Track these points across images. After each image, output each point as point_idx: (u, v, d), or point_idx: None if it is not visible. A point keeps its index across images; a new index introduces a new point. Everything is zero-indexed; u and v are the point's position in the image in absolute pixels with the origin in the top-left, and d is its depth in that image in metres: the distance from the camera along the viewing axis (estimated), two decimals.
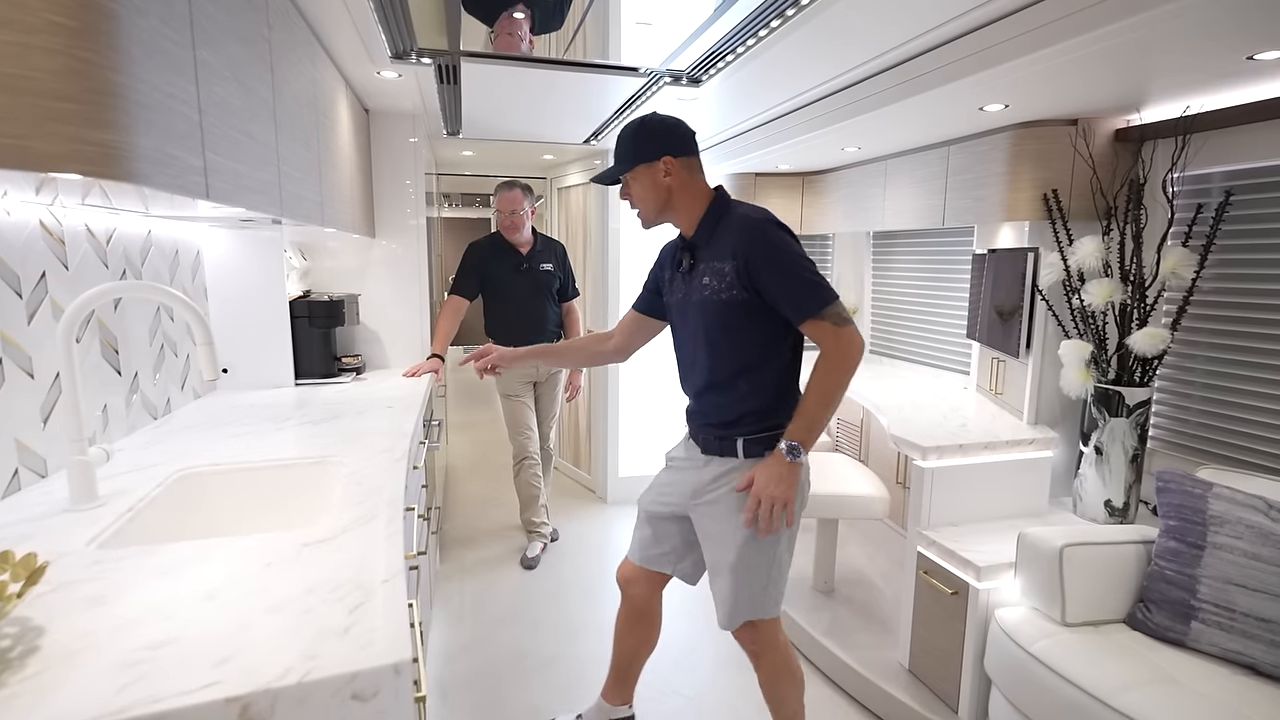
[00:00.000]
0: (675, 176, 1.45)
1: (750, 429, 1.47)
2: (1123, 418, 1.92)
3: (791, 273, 1.38)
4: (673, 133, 1.47)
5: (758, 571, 1.48)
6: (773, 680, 1.61)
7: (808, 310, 1.37)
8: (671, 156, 1.44)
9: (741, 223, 1.43)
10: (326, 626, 0.80)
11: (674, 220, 1.52)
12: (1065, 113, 1.95)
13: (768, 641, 1.56)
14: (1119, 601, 1.64)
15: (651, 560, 1.69)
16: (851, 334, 1.37)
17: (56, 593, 0.88)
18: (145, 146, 0.77)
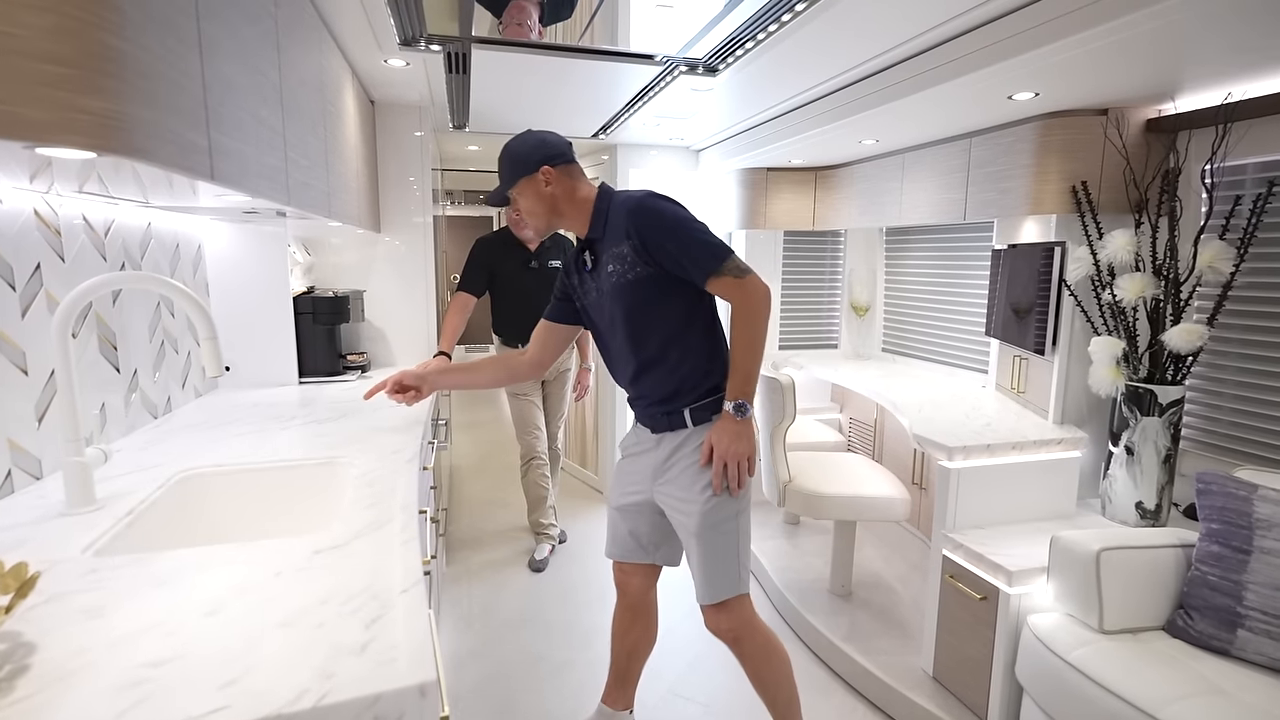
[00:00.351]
0: (556, 184, 1.51)
1: (691, 398, 1.52)
2: (1155, 417, 1.85)
3: (684, 236, 1.43)
4: (546, 144, 1.52)
5: (726, 539, 1.51)
6: (759, 663, 1.59)
7: (708, 268, 1.42)
8: (549, 166, 1.50)
9: (625, 204, 1.47)
10: (342, 642, 0.74)
11: (566, 225, 1.56)
12: (1096, 102, 1.88)
13: (744, 621, 1.56)
14: (1157, 608, 1.58)
15: (630, 552, 1.71)
16: (754, 281, 1.44)
17: (50, 604, 0.82)
18: (146, 119, 0.71)
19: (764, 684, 1.61)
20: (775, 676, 1.60)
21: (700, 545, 1.51)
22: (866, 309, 3.46)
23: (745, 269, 1.43)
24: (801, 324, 3.61)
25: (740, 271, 1.42)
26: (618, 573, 1.77)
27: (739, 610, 1.55)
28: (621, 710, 1.84)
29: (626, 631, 1.80)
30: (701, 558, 1.52)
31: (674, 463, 1.55)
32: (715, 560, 1.51)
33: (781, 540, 2.95)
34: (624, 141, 3.39)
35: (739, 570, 1.53)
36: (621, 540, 1.71)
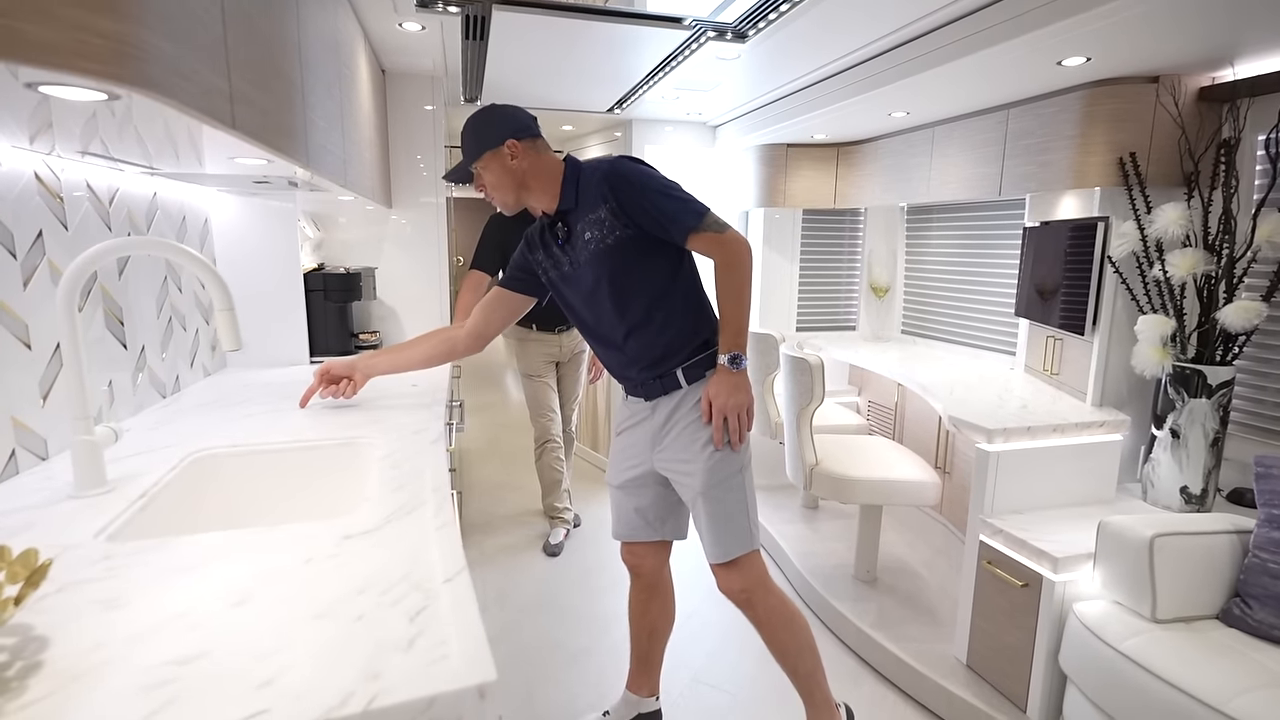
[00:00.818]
0: (522, 158, 1.47)
1: (682, 356, 1.50)
2: (1203, 398, 1.78)
3: (660, 195, 1.42)
4: (510, 117, 1.48)
5: (733, 495, 1.49)
6: (775, 628, 1.54)
7: (686, 224, 1.41)
8: (515, 139, 1.45)
9: (597, 170, 1.45)
10: (386, 638, 0.67)
11: (533, 200, 1.52)
12: (1149, 69, 1.79)
13: (757, 579, 1.53)
14: (1211, 596, 1.51)
15: (637, 530, 1.68)
16: (734, 235, 1.43)
17: (62, 594, 0.75)
18: (164, 51, 0.63)
19: (783, 651, 1.56)
20: (795, 643, 1.55)
21: (708, 504, 1.48)
22: (886, 290, 3.38)
23: (724, 224, 1.43)
24: (819, 305, 3.54)
25: (720, 227, 1.42)
26: (628, 556, 1.74)
27: (750, 568, 1.52)
28: (647, 697, 1.79)
29: (644, 611, 1.77)
30: (710, 516, 1.49)
31: (672, 425, 1.52)
32: (724, 517, 1.49)
33: (801, 524, 2.89)
34: (639, 117, 3.29)
35: (749, 526, 1.51)
36: (628, 519, 1.68)
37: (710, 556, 1.52)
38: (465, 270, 2.72)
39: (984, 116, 2.31)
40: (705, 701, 1.92)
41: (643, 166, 1.46)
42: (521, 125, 1.48)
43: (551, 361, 2.88)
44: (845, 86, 2.32)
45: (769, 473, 3.37)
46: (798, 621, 1.56)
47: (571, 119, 3.36)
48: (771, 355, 2.63)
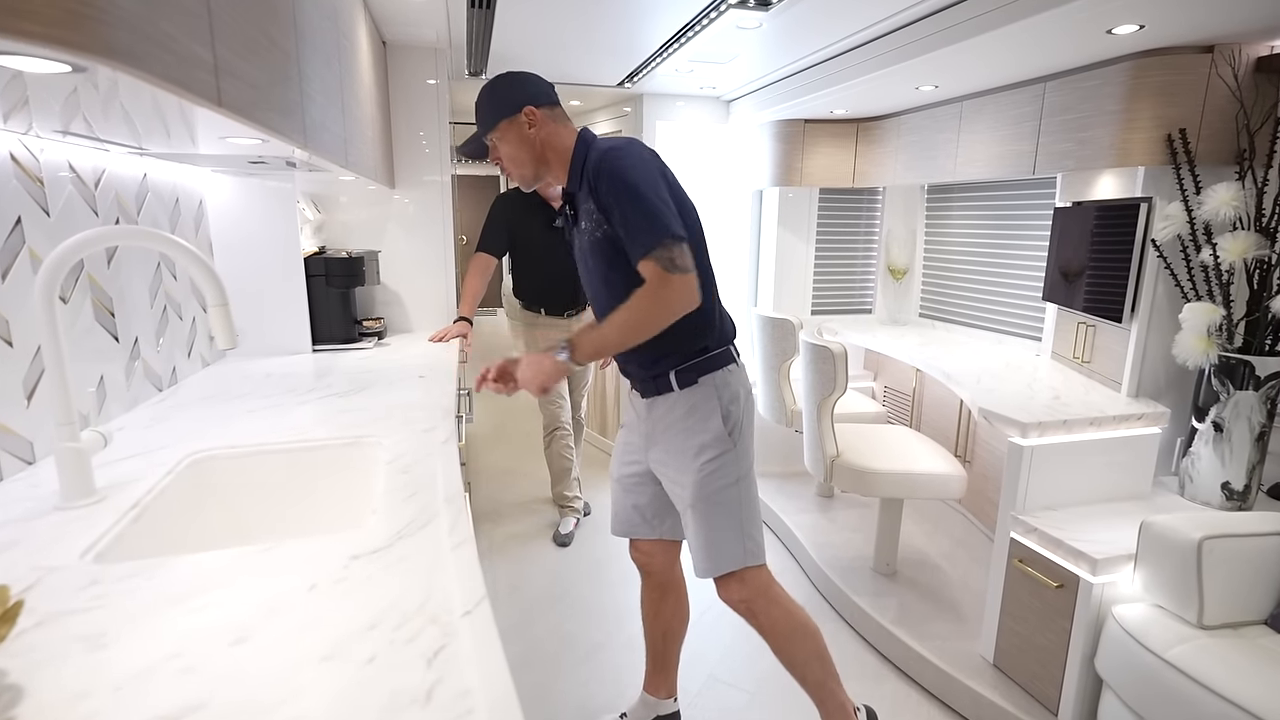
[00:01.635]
0: (541, 126, 1.37)
1: (676, 359, 1.41)
2: (1250, 390, 1.69)
3: (629, 205, 1.26)
4: (529, 83, 1.39)
5: (725, 509, 1.41)
6: (780, 638, 1.48)
7: (639, 246, 1.24)
8: (533, 106, 1.36)
9: (594, 156, 1.33)
10: (402, 686, 0.60)
11: (551, 174, 1.43)
12: (1203, 37, 1.67)
13: (759, 591, 1.45)
14: (1260, 601, 1.45)
15: (634, 528, 1.63)
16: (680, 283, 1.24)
17: (42, 629, 0.68)
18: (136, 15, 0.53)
19: (791, 661, 1.50)
20: (801, 653, 1.49)
21: (697, 516, 1.42)
22: (904, 272, 3.28)
23: (679, 265, 1.23)
24: (835, 288, 3.44)
25: (670, 264, 1.23)
26: (636, 554, 1.69)
27: (753, 580, 1.44)
28: (665, 699, 1.74)
29: (657, 613, 1.71)
30: (699, 529, 1.43)
31: (664, 429, 1.46)
32: (714, 531, 1.41)
33: (817, 514, 2.83)
34: (651, 91, 3.16)
35: (743, 541, 1.43)
36: (625, 515, 1.63)
37: (697, 571, 1.45)
38: (470, 250, 2.63)
39: (1019, 90, 2.19)
40: (723, 699, 1.87)
41: (630, 164, 1.28)
42: (541, 92, 1.38)
43: None
44: (871, 59, 2.20)
45: (784, 460, 3.30)
46: (804, 631, 1.49)
47: (580, 93, 3.23)
48: (789, 341, 2.55)
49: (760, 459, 3.27)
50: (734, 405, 1.43)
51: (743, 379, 1.47)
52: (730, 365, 1.44)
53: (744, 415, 1.45)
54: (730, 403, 1.42)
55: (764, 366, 2.73)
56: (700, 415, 1.41)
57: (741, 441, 1.43)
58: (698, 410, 1.41)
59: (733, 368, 1.44)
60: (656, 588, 1.70)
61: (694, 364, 1.41)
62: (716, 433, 1.40)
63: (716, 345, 1.43)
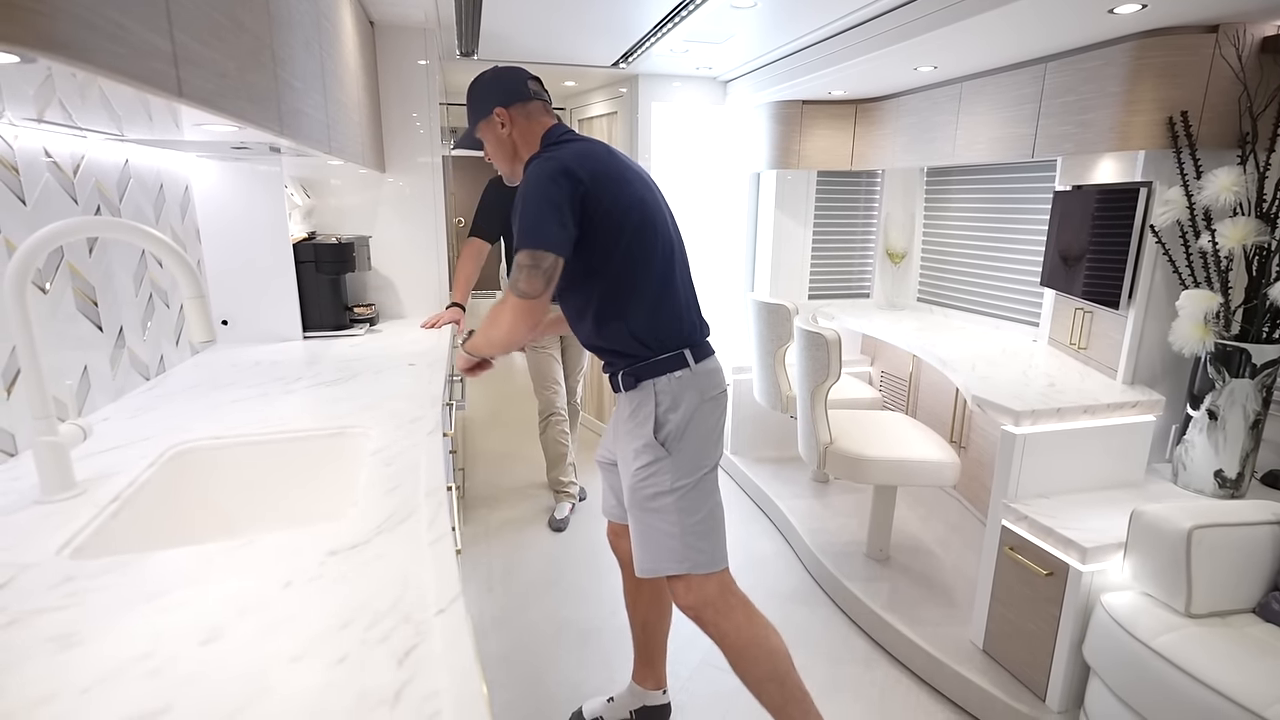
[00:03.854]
0: (513, 125, 1.41)
1: (624, 362, 1.40)
2: (1246, 378, 1.68)
3: (521, 212, 1.27)
4: (497, 82, 1.42)
5: (658, 516, 1.38)
6: (732, 651, 1.40)
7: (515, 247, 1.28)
8: (502, 107, 1.40)
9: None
10: (371, 687, 0.59)
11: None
12: (1208, 16, 1.63)
13: (705, 601, 1.39)
14: (1249, 590, 1.44)
15: (613, 510, 1.66)
16: (515, 306, 1.28)
17: (13, 628, 0.67)
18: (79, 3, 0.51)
19: (745, 678, 1.42)
20: (756, 673, 1.40)
21: (631, 517, 1.43)
22: (902, 256, 3.25)
23: (522, 287, 1.25)
24: (832, 272, 3.41)
25: (515, 284, 1.26)
26: (609, 533, 1.71)
27: (700, 589, 1.38)
28: (652, 690, 1.75)
29: (635, 602, 1.72)
30: (634, 528, 1.43)
31: (616, 425, 1.49)
32: (648, 533, 1.40)
33: (811, 499, 2.83)
34: (646, 72, 3.10)
35: (684, 549, 1.36)
36: (606, 497, 1.67)
37: (635, 567, 1.43)
38: (466, 233, 2.60)
39: (1019, 71, 2.14)
40: (714, 684, 1.89)
41: (538, 181, 1.26)
42: (509, 91, 1.40)
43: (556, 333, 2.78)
44: (870, 38, 2.15)
45: (778, 445, 3.30)
46: (761, 650, 1.40)
47: (574, 74, 3.18)
48: (784, 327, 2.53)
49: (755, 444, 3.30)
50: (671, 413, 1.35)
51: (694, 384, 1.37)
52: (677, 371, 1.36)
53: (690, 424, 1.36)
54: (667, 410, 1.35)
55: (759, 352, 2.72)
56: (639, 419, 1.38)
57: (681, 451, 1.36)
58: (638, 414, 1.38)
59: (681, 374, 1.36)
60: (631, 577, 1.71)
61: (636, 367, 1.37)
62: (647, 439, 1.36)
63: (661, 350, 1.36)
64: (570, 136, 1.41)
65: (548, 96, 1.48)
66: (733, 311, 3.49)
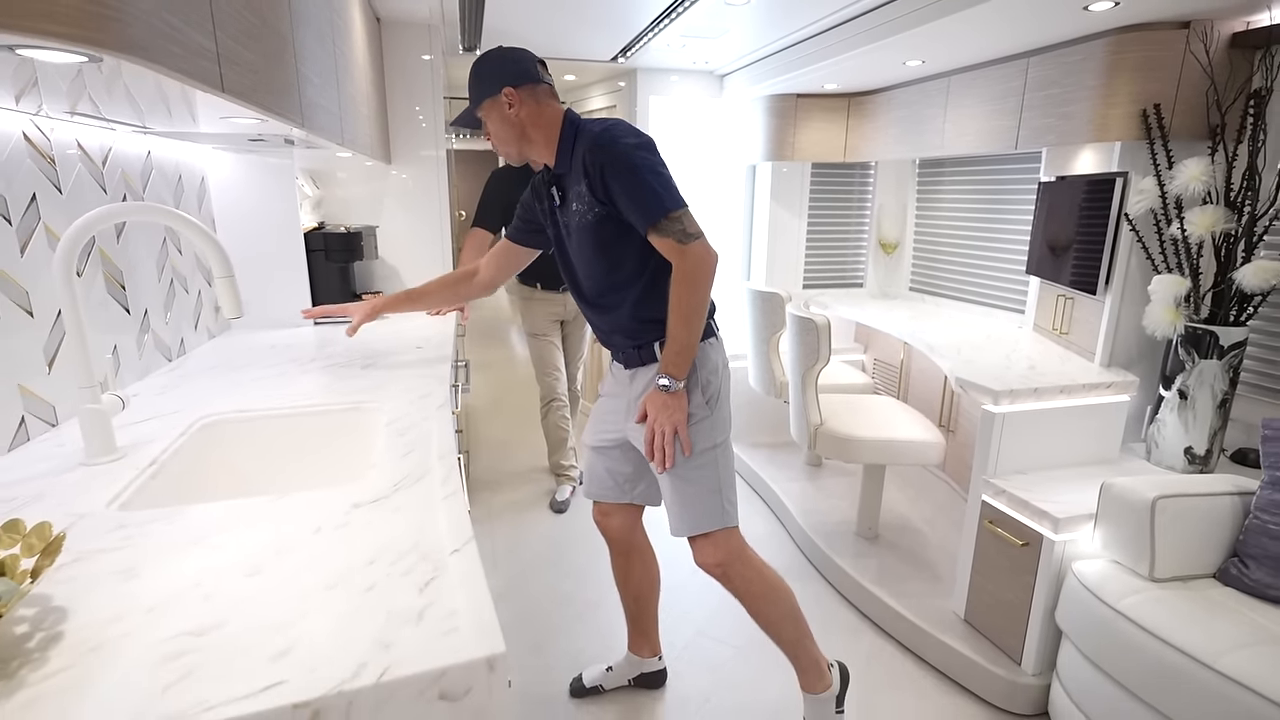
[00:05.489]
0: (521, 107, 1.40)
1: (662, 330, 1.44)
2: (1214, 359, 1.76)
3: (632, 178, 1.32)
4: (508, 61, 1.41)
5: (702, 473, 1.46)
6: (754, 599, 1.55)
7: (649, 216, 1.33)
8: (511, 87, 1.39)
9: (587, 137, 1.37)
10: (397, 608, 0.68)
11: (534, 153, 1.46)
12: (1180, 13, 1.71)
13: (732, 554, 1.51)
14: (1210, 556, 1.53)
15: (607, 491, 1.68)
16: (698, 249, 1.34)
17: (78, 564, 0.76)
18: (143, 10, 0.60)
19: (766, 621, 1.57)
20: (775, 613, 1.56)
21: (674, 481, 1.47)
22: (895, 246, 3.33)
23: (691, 232, 1.33)
24: (827, 262, 3.49)
25: (684, 235, 1.32)
26: (597, 514, 1.74)
27: (726, 543, 1.50)
28: (649, 657, 1.84)
29: (626, 578, 1.79)
30: (676, 493, 1.48)
31: (628, 403, 1.53)
32: (690, 496, 1.47)
33: (805, 482, 2.92)
34: (644, 66, 3.18)
35: (721, 504, 1.48)
36: (599, 479, 1.68)
37: (672, 530, 1.51)
38: (468, 226, 2.68)
39: (1003, 65, 2.22)
40: (709, 655, 1.98)
41: (627, 141, 1.34)
42: (521, 71, 1.40)
43: (556, 320, 2.86)
44: (859, 33, 2.23)
45: (773, 431, 3.39)
46: (777, 592, 1.56)
47: (574, 68, 3.25)
48: (777, 314, 2.61)
49: (751, 429, 3.39)
50: (713, 376, 1.47)
51: (720, 351, 1.52)
52: (710, 339, 1.48)
53: (722, 386, 1.50)
54: (710, 374, 1.47)
55: (754, 340, 2.80)
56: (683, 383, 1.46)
57: (719, 410, 1.48)
58: None
59: (713, 340, 1.49)
60: (620, 554, 1.76)
61: None
62: (695, 402, 1.45)
63: None
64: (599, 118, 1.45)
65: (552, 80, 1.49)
66: (729, 301, 3.57)
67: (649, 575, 1.80)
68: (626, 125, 1.39)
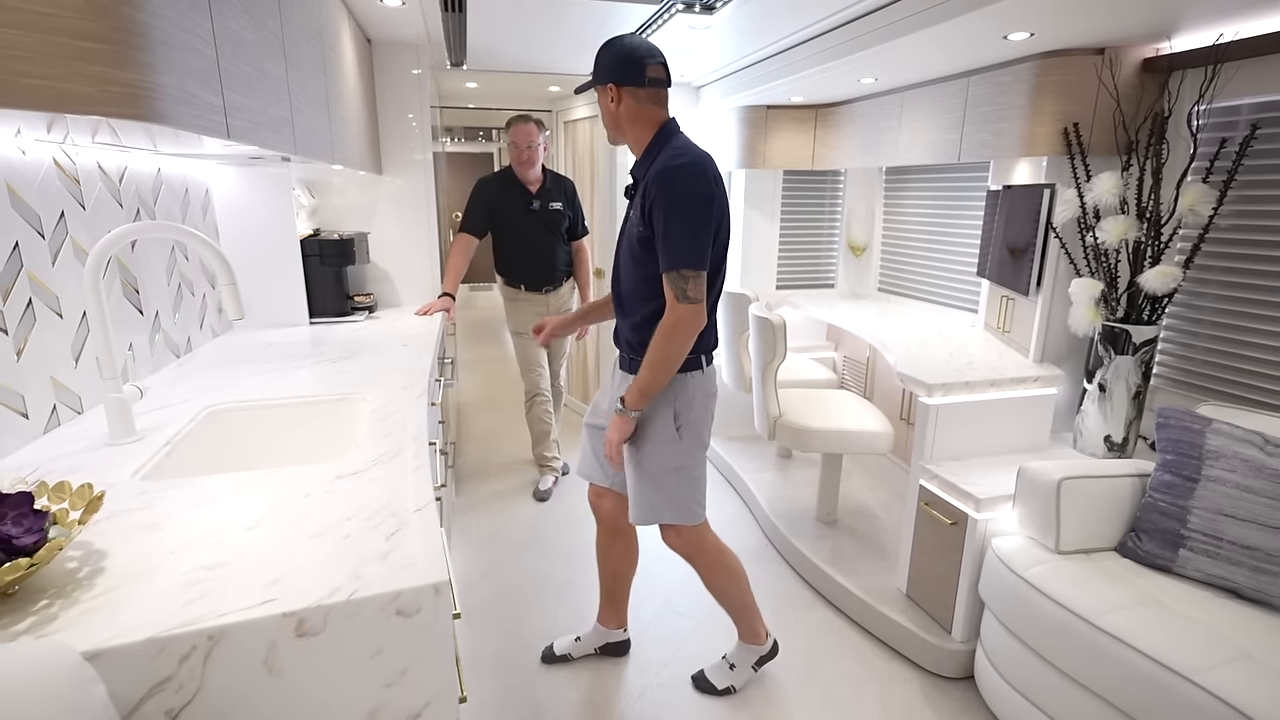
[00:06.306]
0: (621, 104, 1.51)
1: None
2: (1128, 355, 1.94)
3: (670, 223, 1.43)
4: (621, 58, 1.50)
5: (662, 477, 1.63)
6: (709, 575, 1.80)
7: (666, 262, 1.45)
8: (615, 85, 1.49)
9: (661, 162, 1.47)
10: (367, 551, 0.86)
11: (627, 144, 1.59)
12: (1093, 41, 1.88)
13: (695, 546, 1.74)
14: (1112, 531, 1.71)
15: (593, 473, 1.85)
16: (687, 312, 1.45)
17: (112, 520, 0.94)
18: (169, 86, 0.77)
19: (716, 590, 1.82)
20: (723, 583, 1.81)
21: (637, 478, 1.65)
22: (864, 249, 3.50)
23: (692, 295, 1.44)
24: (799, 264, 3.66)
25: (684, 294, 1.44)
26: (590, 494, 1.92)
27: (688, 534, 1.72)
28: (615, 629, 2.02)
29: (608, 556, 1.96)
30: (635, 491, 1.66)
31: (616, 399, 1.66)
32: (648, 497, 1.65)
33: (774, 472, 3.10)
34: None
35: (677, 509, 1.66)
36: (588, 460, 1.85)
37: (630, 517, 1.68)
38: None
39: (947, 83, 2.39)
40: (672, 626, 2.16)
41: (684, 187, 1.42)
42: (630, 73, 1.48)
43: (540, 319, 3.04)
44: (816, 53, 2.40)
45: (745, 424, 3.56)
46: (730, 570, 1.80)
47: (557, 80, 3.42)
48: (745, 314, 2.79)
49: (725, 424, 3.57)
50: (685, 408, 1.59)
51: (703, 383, 1.61)
52: (693, 371, 1.59)
53: (698, 417, 1.62)
54: (684, 405, 1.59)
55: (726, 338, 2.97)
56: (657, 405, 1.60)
57: (688, 437, 1.61)
58: (655, 401, 1.58)
59: (695, 373, 1.59)
60: (607, 533, 1.94)
61: None
62: (665, 425, 1.60)
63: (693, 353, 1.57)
64: (687, 143, 1.51)
65: (668, 79, 1.53)
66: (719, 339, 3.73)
67: (629, 556, 1.97)
68: (698, 170, 1.44)
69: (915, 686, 1.90)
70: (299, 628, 0.74)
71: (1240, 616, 1.43)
